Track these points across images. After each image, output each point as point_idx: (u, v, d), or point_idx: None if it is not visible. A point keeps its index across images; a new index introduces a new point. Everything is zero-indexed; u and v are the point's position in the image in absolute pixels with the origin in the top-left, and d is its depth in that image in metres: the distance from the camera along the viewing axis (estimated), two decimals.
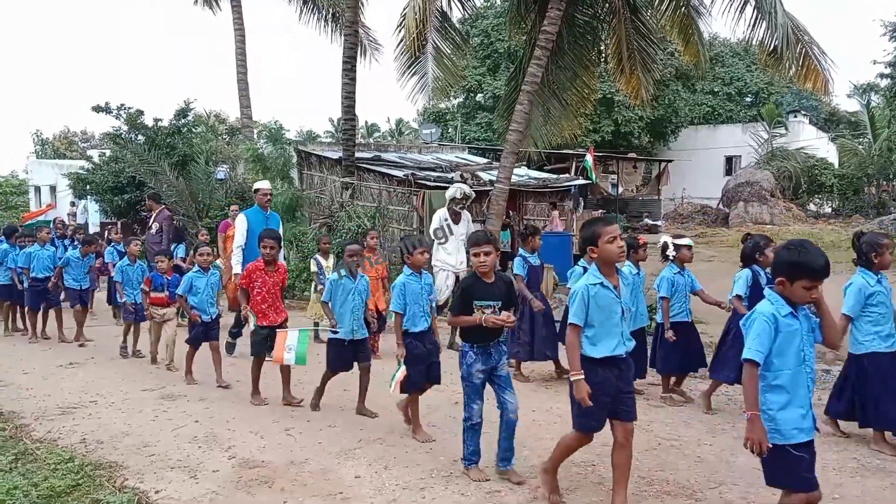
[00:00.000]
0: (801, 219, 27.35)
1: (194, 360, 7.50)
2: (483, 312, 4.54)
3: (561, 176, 23.05)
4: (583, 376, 3.92)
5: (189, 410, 6.28)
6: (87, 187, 21.08)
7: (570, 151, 25.76)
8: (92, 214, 24.92)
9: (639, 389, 6.63)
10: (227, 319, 8.81)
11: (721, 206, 29.39)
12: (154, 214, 12.45)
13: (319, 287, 8.88)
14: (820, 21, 63.06)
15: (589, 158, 21.98)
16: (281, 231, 8.37)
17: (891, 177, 29.86)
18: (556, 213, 17.76)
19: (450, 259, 9.26)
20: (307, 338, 6.40)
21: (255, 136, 21.72)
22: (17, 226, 13.17)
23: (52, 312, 10.27)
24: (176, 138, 19.17)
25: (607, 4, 14.07)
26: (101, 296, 12.24)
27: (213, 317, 7.49)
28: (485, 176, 17.93)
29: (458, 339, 7.95)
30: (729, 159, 34.77)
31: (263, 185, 8.86)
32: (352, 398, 6.53)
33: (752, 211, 27.07)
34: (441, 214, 9.36)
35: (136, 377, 7.60)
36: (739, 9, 12.25)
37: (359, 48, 16.92)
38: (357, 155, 16.83)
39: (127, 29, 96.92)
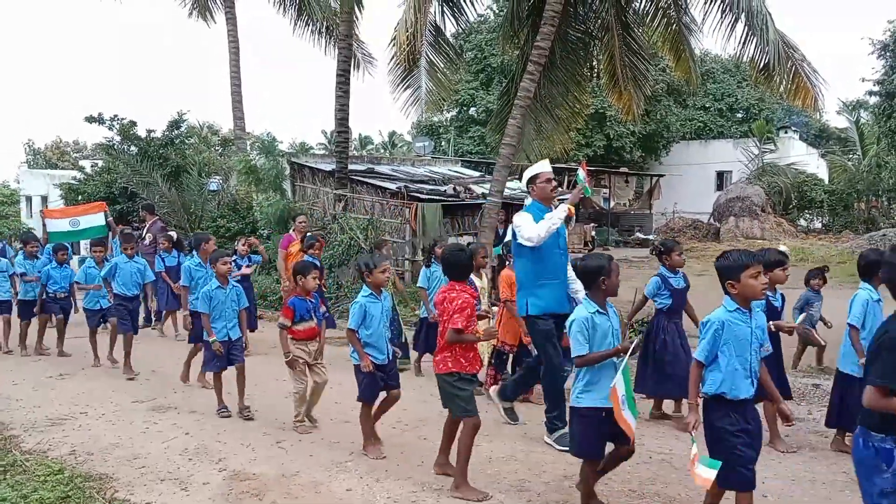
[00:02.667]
0: (792, 234, 27.49)
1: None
2: None
3: None
4: None
5: (180, 422, 6.25)
6: (79, 198, 21.02)
7: (563, 165, 25.87)
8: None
9: None
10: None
11: (712, 221, 29.51)
12: (147, 225, 12.45)
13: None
14: (810, 38, 63.77)
15: (581, 172, 22.10)
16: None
17: (880, 193, 30.07)
18: None
19: None
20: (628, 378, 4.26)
21: (248, 147, 21.75)
22: (31, 231, 12.26)
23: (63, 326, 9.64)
24: (169, 149, 19.21)
25: (599, 21, 14.22)
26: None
27: (391, 357, 5.55)
28: (478, 189, 18.02)
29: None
30: (720, 174, 34.97)
31: (544, 167, 6.13)
32: (342, 410, 6.51)
33: (742, 226, 27.20)
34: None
35: (127, 388, 7.56)
36: (730, 26, 12.41)
37: (352, 61, 17.01)
38: (350, 167, 16.90)
39: (121, 39, 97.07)
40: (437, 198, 16.55)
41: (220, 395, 6.50)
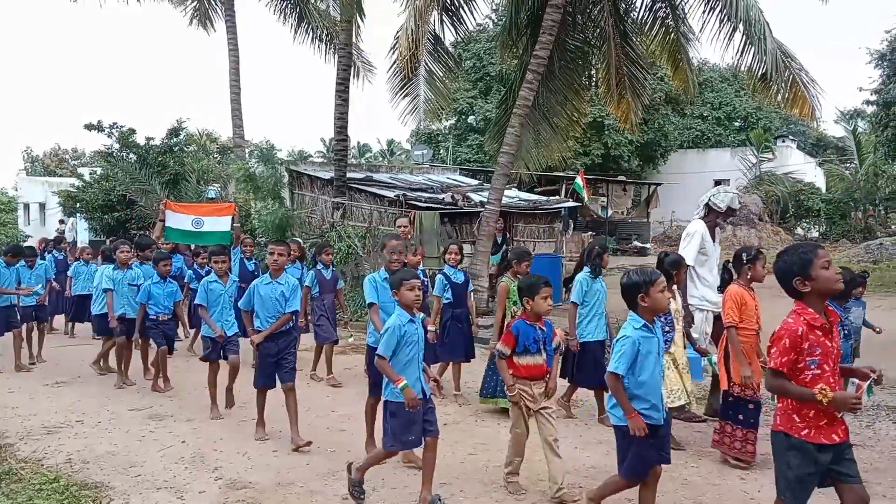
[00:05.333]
0: (789, 243, 27.53)
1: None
2: None
3: (551, 198, 23.21)
4: None
5: (176, 431, 6.23)
6: (78, 205, 21.05)
7: (561, 174, 25.95)
8: (81, 232, 24.86)
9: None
10: None
11: None
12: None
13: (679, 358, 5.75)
14: (808, 48, 64.13)
15: (579, 180, 22.20)
16: None
17: (877, 202, 30.17)
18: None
19: (710, 294, 6.35)
20: None
21: (247, 155, 21.77)
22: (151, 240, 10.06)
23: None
24: (167, 157, 19.25)
25: (598, 30, 14.28)
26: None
27: (665, 417, 4.05)
28: (476, 197, 18.04)
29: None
30: (718, 183, 34.91)
31: None
32: (339, 418, 6.50)
33: (740, 234, 27.28)
34: (699, 230, 6.52)
35: (123, 397, 7.54)
36: (728, 35, 12.47)
37: (352, 69, 17.04)
38: (349, 175, 16.90)
39: (119, 47, 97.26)
40: (436, 206, 16.55)
41: (430, 478, 4.45)
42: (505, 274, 6.70)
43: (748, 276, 5.41)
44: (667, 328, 5.62)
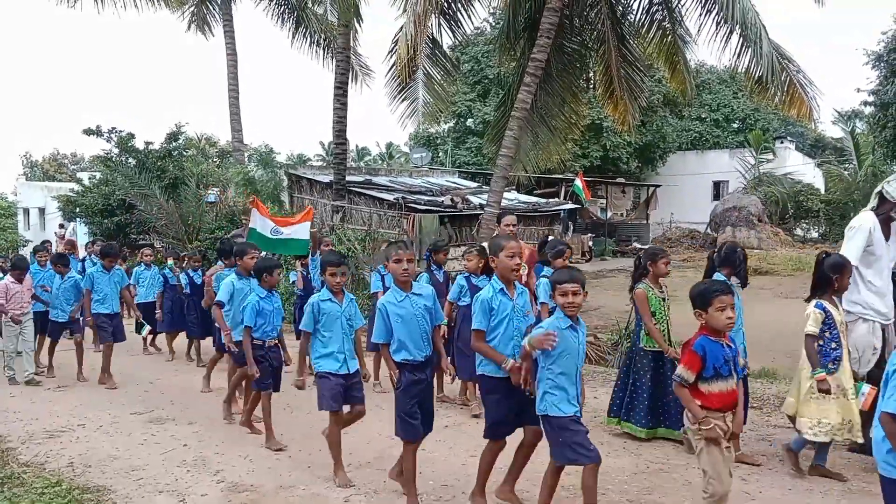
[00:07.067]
0: (789, 243, 27.59)
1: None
2: None
3: (550, 200, 23.27)
4: None
5: (178, 434, 6.25)
6: (77, 210, 21.09)
7: (560, 176, 26.03)
8: (80, 237, 24.89)
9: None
10: None
11: (709, 231, 29.62)
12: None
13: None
14: (812, 45, 64.25)
15: (579, 182, 22.28)
16: None
17: None
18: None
19: (877, 301, 5.18)
20: None
21: (246, 159, 21.81)
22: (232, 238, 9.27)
23: None
24: (167, 161, 19.29)
25: (595, 33, 14.34)
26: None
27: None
28: (475, 200, 18.10)
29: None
30: (717, 184, 35.13)
31: None
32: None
33: (739, 235, 27.31)
34: (866, 224, 5.28)
35: (125, 400, 7.55)
36: (725, 38, 12.55)
37: (350, 73, 17.11)
38: (348, 178, 16.96)
39: (118, 51, 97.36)
40: (435, 209, 16.61)
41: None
42: (642, 280, 5.82)
43: None
44: (833, 344, 4.84)
